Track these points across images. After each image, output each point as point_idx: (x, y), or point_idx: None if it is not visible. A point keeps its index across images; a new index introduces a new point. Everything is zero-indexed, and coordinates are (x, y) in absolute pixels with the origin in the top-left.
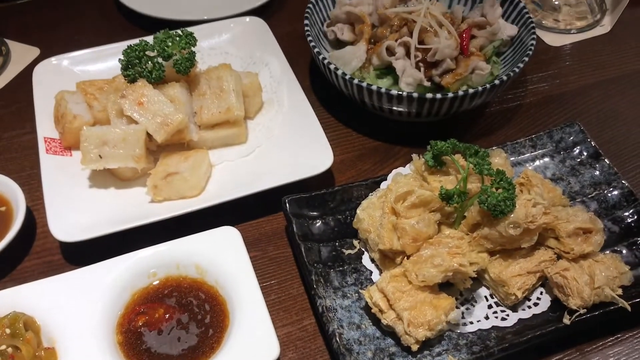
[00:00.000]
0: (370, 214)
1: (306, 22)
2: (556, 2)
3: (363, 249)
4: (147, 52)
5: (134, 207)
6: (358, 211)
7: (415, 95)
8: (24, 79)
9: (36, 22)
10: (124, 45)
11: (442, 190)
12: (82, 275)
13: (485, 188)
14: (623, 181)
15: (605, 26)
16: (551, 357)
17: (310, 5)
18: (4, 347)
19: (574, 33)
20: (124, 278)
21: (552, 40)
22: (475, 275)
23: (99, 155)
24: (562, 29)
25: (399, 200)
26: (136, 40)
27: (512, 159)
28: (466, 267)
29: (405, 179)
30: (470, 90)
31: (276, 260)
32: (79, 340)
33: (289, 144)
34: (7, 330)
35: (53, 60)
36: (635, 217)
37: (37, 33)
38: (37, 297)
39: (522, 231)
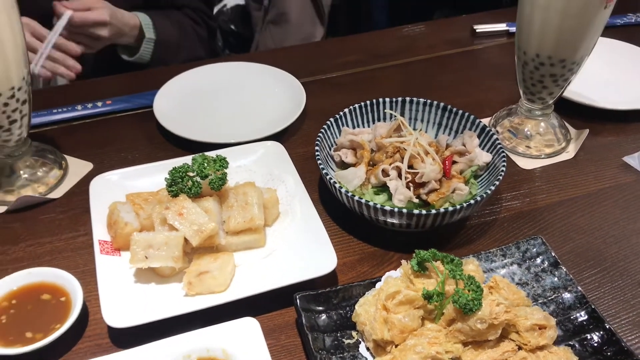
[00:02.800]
0: (366, 309)
1: (317, 147)
2: (528, 132)
3: (360, 339)
4: (188, 173)
5: (171, 299)
6: (356, 307)
7: (404, 210)
8: (80, 189)
9: (89, 140)
10: (164, 163)
11: (424, 291)
12: (129, 356)
13: (458, 290)
14: (578, 287)
15: (569, 152)
16: None
17: (320, 134)
18: None
19: (543, 158)
20: (165, 358)
21: (524, 164)
22: None
23: (145, 256)
24: (533, 154)
25: (389, 298)
26: (176, 160)
27: (485, 265)
28: (442, 354)
29: (395, 280)
30: (450, 208)
31: (287, 347)
32: None
33: (300, 249)
34: None
35: (106, 175)
36: (586, 317)
37: (90, 149)
38: None
39: (487, 326)
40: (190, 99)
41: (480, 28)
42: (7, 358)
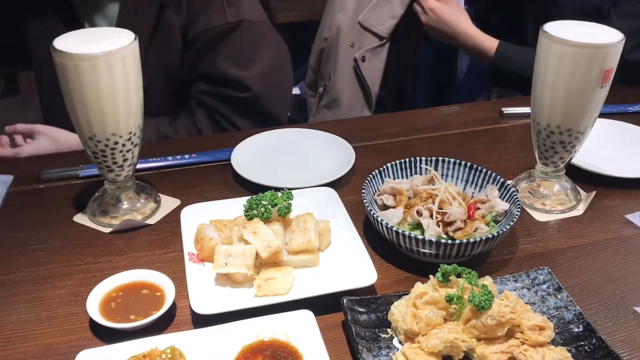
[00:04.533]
0: (399, 310)
1: (363, 191)
2: (544, 192)
3: (394, 335)
4: (261, 201)
5: (243, 299)
6: (392, 307)
7: (433, 239)
8: (170, 218)
9: (178, 183)
10: (239, 199)
11: (446, 295)
12: (214, 330)
13: (473, 292)
14: (576, 307)
15: (579, 210)
16: None
17: (367, 181)
18: None
19: (556, 213)
20: (238, 336)
21: (540, 217)
22: (465, 349)
23: (225, 263)
24: (547, 210)
25: (418, 297)
26: (250, 197)
27: (499, 287)
28: (459, 340)
29: (423, 286)
30: (472, 239)
31: (334, 341)
32: None
33: (346, 267)
34: (169, 355)
35: (194, 206)
36: (582, 329)
37: (178, 190)
38: (185, 340)
39: (496, 322)
40: (261, 155)
41: (507, 110)
42: (116, 332)
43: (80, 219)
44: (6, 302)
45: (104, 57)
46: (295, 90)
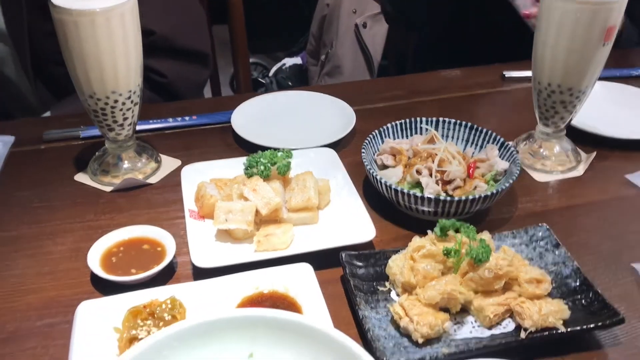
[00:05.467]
0: (397, 263)
1: (363, 150)
2: (544, 153)
3: (391, 288)
4: (261, 159)
5: (243, 254)
6: (389, 261)
7: (432, 197)
8: (171, 178)
9: (178, 144)
10: (239, 159)
11: (444, 248)
12: (214, 282)
13: (471, 246)
14: (574, 262)
15: (579, 171)
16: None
17: (367, 141)
18: (166, 315)
19: (556, 174)
20: (238, 287)
21: (540, 177)
22: (463, 301)
23: (225, 219)
24: (547, 170)
25: (415, 250)
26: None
27: (497, 243)
28: (456, 292)
29: (421, 240)
30: (471, 196)
31: (333, 295)
32: None
33: (346, 226)
34: (169, 305)
35: (194, 165)
36: (579, 283)
37: (178, 151)
38: (185, 291)
39: (493, 275)
40: (261, 117)
41: (509, 74)
42: (117, 285)
43: (82, 178)
44: (9, 257)
45: (102, 13)
46: (297, 60)
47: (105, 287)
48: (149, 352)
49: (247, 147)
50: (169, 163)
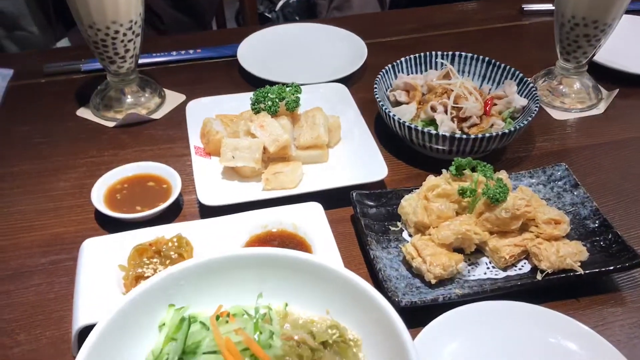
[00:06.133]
0: (410, 203)
1: (375, 87)
2: (563, 90)
3: (403, 228)
4: (269, 94)
5: (251, 192)
6: (402, 201)
7: (447, 134)
8: (175, 114)
9: (182, 79)
10: (246, 94)
11: (459, 187)
12: (221, 221)
13: (487, 185)
14: (593, 203)
15: (600, 109)
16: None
17: (379, 76)
18: (172, 253)
19: (575, 112)
20: (246, 226)
21: (558, 115)
22: (477, 242)
23: (232, 157)
24: (566, 108)
25: (430, 190)
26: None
27: (514, 183)
28: (471, 232)
29: (435, 179)
30: (487, 134)
31: (343, 234)
32: None
33: (356, 164)
34: (176, 243)
35: (200, 100)
36: (598, 224)
37: (183, 86)
38: (192, 230)
39: (510, 215)
40: (269, 51)
41: (528, 7)
42: (121, 223)
43: (84, 113)
44: (11, 194)
45: None
46: None
47: (109, 225)
48: (156, 291)
49: (253, 82)
50: (173, 98)
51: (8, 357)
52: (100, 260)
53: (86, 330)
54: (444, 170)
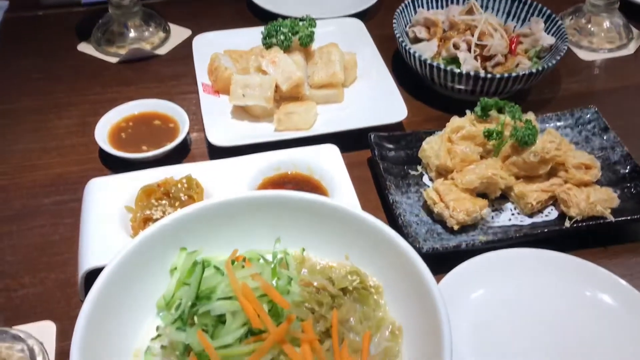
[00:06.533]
0: (431, 146)
1: (394, 22)
2: (592, 29)
3: (424, 172)
4: (281, 28)
5: (262, 133)
6: (423, 144)
7: (471, 73)
8: (181, 49)
9: (188, 13)
10: (253, 29)
11: (485, 129)
12: (233, 162)
13: (516, 126)
14: (624, 147)
15: (630, 49)
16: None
17: (398, 11)
18: (182, 194)
19: (604, 52)
20: (259, 168)
21: (585, 56)
22: (503, 187)
23: (242, 95)
24: (594, 48)
25: (454, 131)
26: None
27: (541, 126)
28: (497, 176)
29: (460, 120)
30: (513, 74)
31: (360, 179)
32: None
33: (374, 104)
34: (185, 185)
35: (207, 34)
36: (629, 170)
37: (189, 20)
38: (202, 171)
39: (539, 159)
40: None
41: None
42: (127, 163)
43: (85, 48)
44: (11, 132)
45: None
46: None
47: (114, 165)
48: (166, 233)
49: (263, 16)
50: (178, 33)
51: (13, 299)
52: (106, 201)
53: (93, 274)
54: (467, 112)
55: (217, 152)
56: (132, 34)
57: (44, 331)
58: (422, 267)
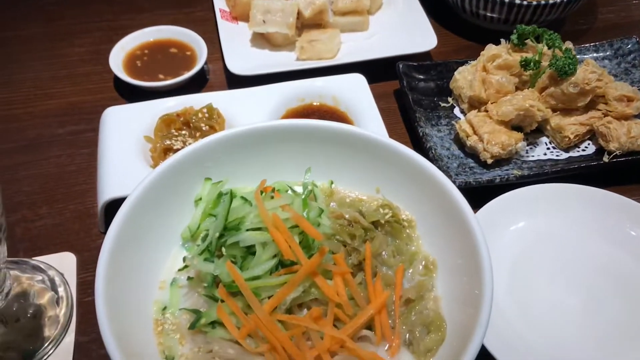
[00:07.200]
0: (464, 76)
1: None
2: None
3: (455, 104)
4: None
5: (284, 62)
6: (455, 74)
7: (505, 0)
8: None
9: None
10: None
11: (522, 58)
12: (254, 91)
13: (555, 55)
14: None
15: None
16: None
17: None
18: (203, 124)
19: None
20: (282, 98)
21: None
22: (540, 119)
23: (263, 21)
24: None
25: (489, 60)
26: None
27: (578, 56)
28: (535, 108)
29: (496, 48)
30: (550, 1)
31: (387, 110)
32: None
33: (401, 32)
34: (206, 114)
35: None
36: None
37: None
38: (223, 100)
39: (579, 91)
40: None
41: None
42: (143, 92)
43: None
44: (22, 59)
45: None
46: None
47: (130, 94)
48: (190, 162)
49: None
50: None
51: (31, 230)
52: (124, 131)
53: (112, 205)
54: (502, 40)
55: (236, 82)
56: None
57: (64, 262)
58: (460, 199)
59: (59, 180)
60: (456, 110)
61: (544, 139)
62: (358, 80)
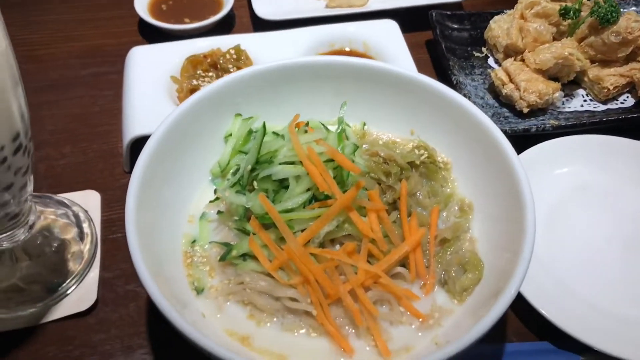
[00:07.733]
0: (500, 25)
1: None
2: None
3: (489, 55)
4: None
5: (313, 9)
6: (491, 22)
7: None
8: None
9: None
10: None
11: (562, 6)
12: (283, 35)
13: (598, 2)
14: None
15: None
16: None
17: None
18: (230, 66)
19: None
20: (311, 43)
21: None
22: (578, 69)
23: None
24: None
25: (528, 7)
26: None
27: None
28: (574, 57)
29: None
30: None
31: (418, 62)
32: None
33: None
34: (234, 56)
35: None
36: None
37: None
38: (251, 42)
39: (620, 40)
40: None
41: None
42: (168, 36)
43: None
44: (42, 1)
45: None
46: None
47: (155, 38)
48: (220, 96)
49: None
50: None
51: (54, 168)
52: (150, 71)
53: (137, 146)
54: None
55: (263, 28)
56: None
57: (88, 200)
58: (503, 140)
59: (82, 120)
60: (490, 61)
61: (581, 91)
62: (390, 27)
